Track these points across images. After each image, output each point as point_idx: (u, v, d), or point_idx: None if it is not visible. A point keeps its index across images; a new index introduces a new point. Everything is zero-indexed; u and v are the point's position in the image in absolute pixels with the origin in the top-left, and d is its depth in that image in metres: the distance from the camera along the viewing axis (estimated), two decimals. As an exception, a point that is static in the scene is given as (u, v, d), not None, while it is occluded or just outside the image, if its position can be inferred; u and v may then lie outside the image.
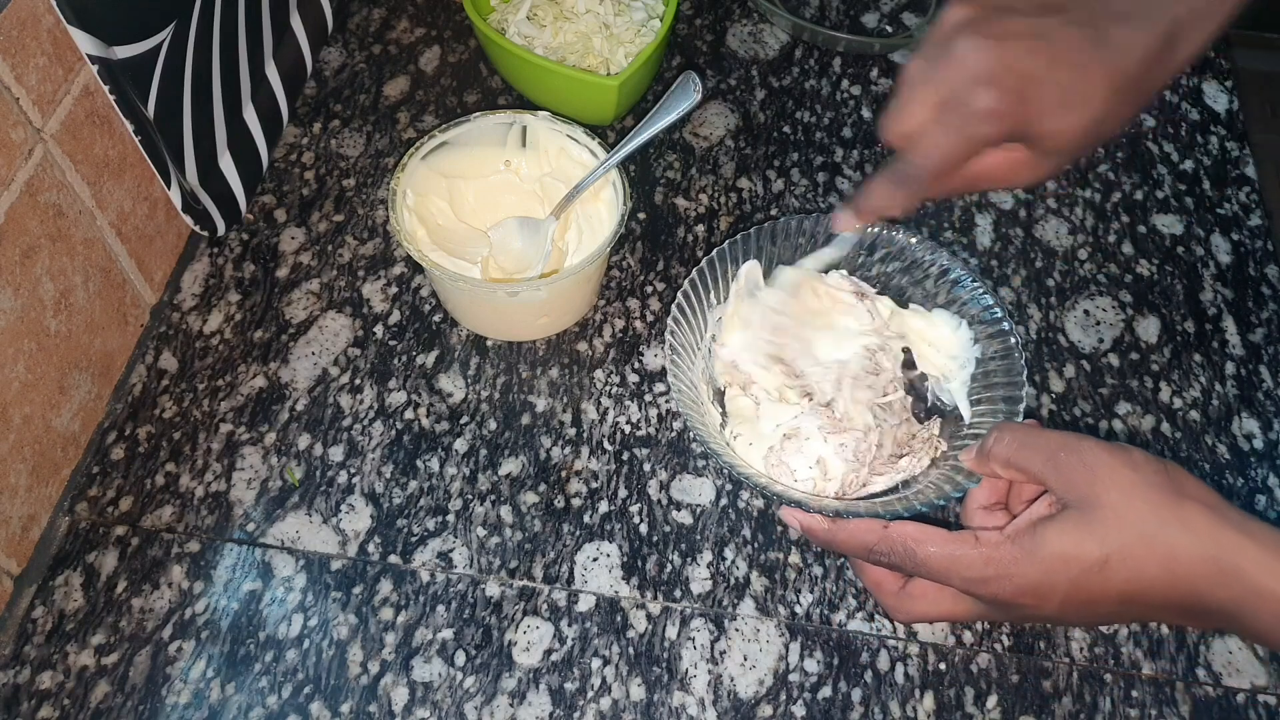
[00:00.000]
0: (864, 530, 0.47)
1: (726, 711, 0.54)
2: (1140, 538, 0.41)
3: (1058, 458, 0.44)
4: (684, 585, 0.58)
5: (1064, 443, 0.44)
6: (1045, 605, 0.43)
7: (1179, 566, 0.40)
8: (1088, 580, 0.42)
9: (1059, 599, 0.42)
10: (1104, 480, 0.42)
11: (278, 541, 0.58)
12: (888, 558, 0.46)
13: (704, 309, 0.59)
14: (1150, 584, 0.41)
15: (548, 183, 0.67)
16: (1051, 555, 0.42)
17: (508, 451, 0.62)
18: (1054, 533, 0.42)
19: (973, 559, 0.44)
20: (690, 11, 0.85)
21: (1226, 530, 0.40)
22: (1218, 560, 0.40)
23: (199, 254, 0.69)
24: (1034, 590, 0.43)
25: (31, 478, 0.56)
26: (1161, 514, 0.41)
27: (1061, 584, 0.42)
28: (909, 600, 0.48)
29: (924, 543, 0.45)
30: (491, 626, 0.56)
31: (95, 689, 0.53)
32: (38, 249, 0.54)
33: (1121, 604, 0.42)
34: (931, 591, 0.48)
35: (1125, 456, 0.43)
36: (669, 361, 0.54)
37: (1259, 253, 0.72)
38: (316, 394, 0.63)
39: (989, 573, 0.43)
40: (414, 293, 0.68)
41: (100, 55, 0.54)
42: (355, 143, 0.75)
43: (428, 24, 0.82)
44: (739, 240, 0.58)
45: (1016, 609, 0.44)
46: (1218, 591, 0.40)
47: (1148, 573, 0.41)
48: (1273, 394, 0.66)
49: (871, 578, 0.50)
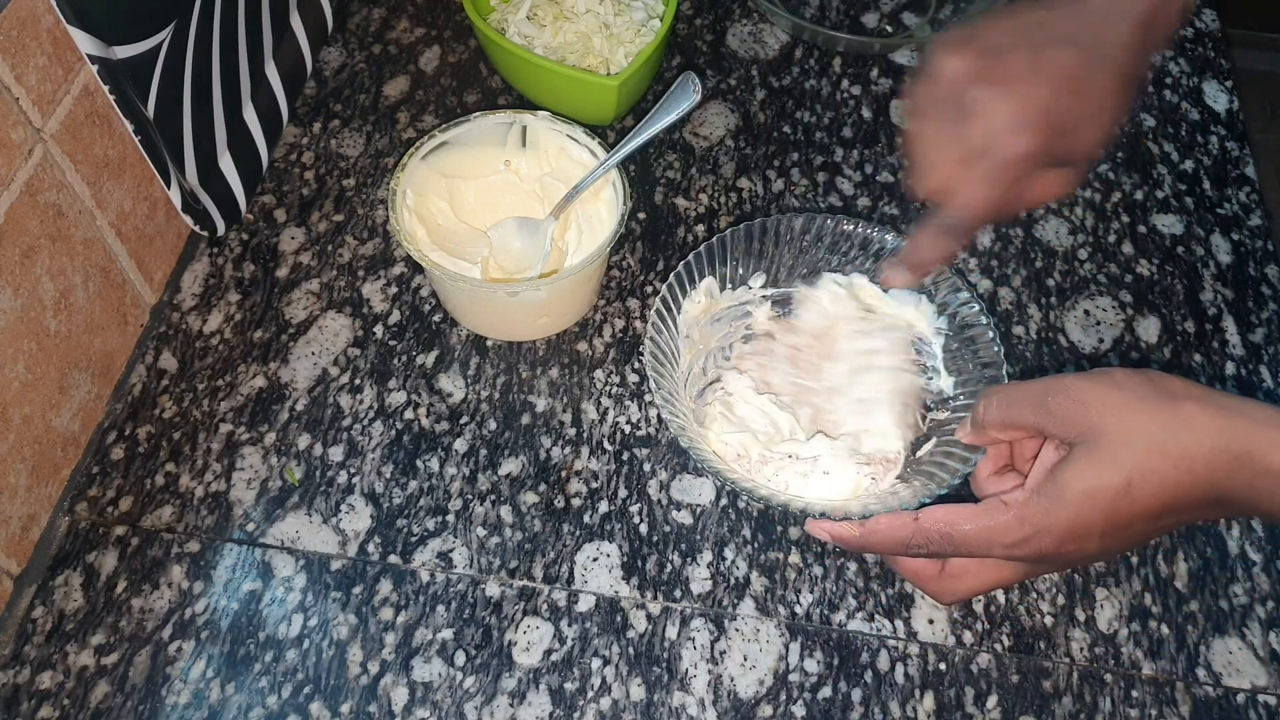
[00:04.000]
0: (897, 527, 0.47)
1: (726, 711, 0.54)
2: (1151, 449, 0.41)
3: (1047, 403, 0.44)
4: (684, 585, 0.58)
5: (1048, 387, 0.45)
6: (1088, 544, 0.43)
7: (1196, 465, 0.41)
8: (1118, 507, 0.42)
9: (1099, 533, 0.43)
10: (1097, 409, 0.43)
11: (278, 541, 0.58)
12: (925, 548, 0.46)
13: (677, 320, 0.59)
14: (1175, 490, 0.42)
15: (548, 183, 0.67)
16: (1078, 495, 0.42)
17: (508, 451, 0.62)
18: (1072, 473, 0.43)
19: (1008, 524, 0.44)
20: (690, 11, 0.85)
21: (1227, 418, 0.41)
22: (1227, 449, 0.41)
23: (199, 254, 0.69)
24: (1072, 534, 0.43)
25: (31, 478, 0.56)
26: (1163, 420, 0.42)
27: (1097, 519, 0.42)
28: (952, 581, 0.48)
29: (957, 523, 0.45)
30: (491, 626, 0.56)
31: (95, 689, 0.53)
32: (38, 249, 0.54)
33: (1156, 518, 0.43)
34: (973, 565, 0.48)
35: (1108, 379, 0.44)
36: (655, 386, 0.54)
37: (1259, 253, 0.72)
38: (316, 394, 0.63)
39: (1026, 531, 0.43)
40: (414, 293, 0.68)
41: (100, 55, 0.54)
42: (355, 143, 0.75)
43: (428, 24, 0.82)
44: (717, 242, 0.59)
45: (1061, 558, 0.45)
46: (1235, 478, 0.41)
47: (1169, 479, 0.41)
48: (1273, 394, 0.66)
49: (909, 569, 0.50)
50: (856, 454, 0.55)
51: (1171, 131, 0.79)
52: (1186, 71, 0.82)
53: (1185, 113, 0.80)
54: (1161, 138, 0.78)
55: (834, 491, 0.54)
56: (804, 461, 0.55)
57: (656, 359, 0.55)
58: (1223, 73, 0.83)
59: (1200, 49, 0.84)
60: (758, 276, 0.61)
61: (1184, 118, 0.80)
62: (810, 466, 0.55)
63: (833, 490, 0.54)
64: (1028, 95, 0.46)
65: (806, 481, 0.54)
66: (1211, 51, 0.84)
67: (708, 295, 0.59)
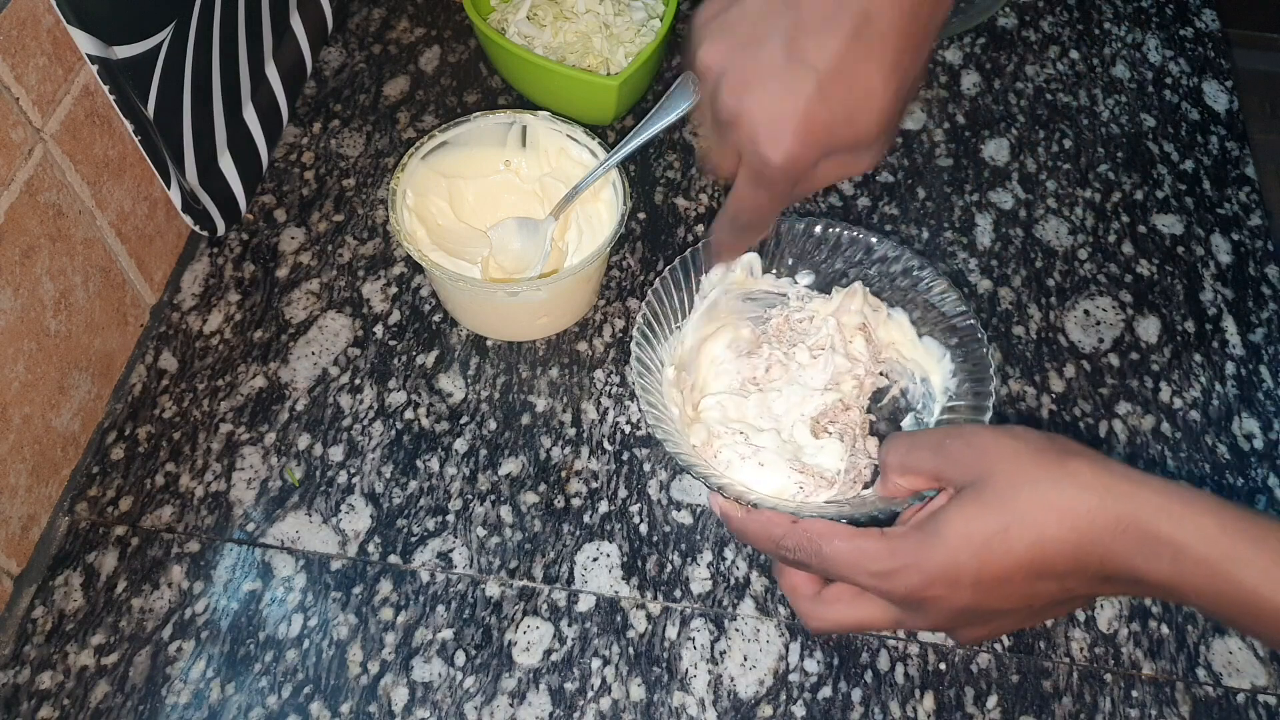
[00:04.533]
0: (773, 523, 0.47)
1: (726, 711, 0.54)
2: (1035, 498, 0.41)
3: (944, 447, 0.44)
4: (684, 585, 0.58)
5: (948, 433, 0.45)
6: (958, 592, 0.42)
7: (1079, 522, 0.40)
8: (992, 553, 0.41)
9: (970, 581, 0.42)
10: (991, 455, 0.43)
11: (278, 541, 0.58)
12: (794, 553, 0.46)
13: (669, 324, 0.58)
14: (1055, 545, 0.40)
15: (548, 183, 0.67)
16: (954, 534, 0.42)
17: (508, 451, 0.62)
18: (954, 512, 0.42)
19: (879, 551, 0.43)
20: (690, 11, 0.84)
21: (1116, 479, 0.40)
22: (1113, 510, 0.39)
23: (199, 254, 0.69)
24: (943, 575, 0.42)
25: (31, 478, 0.56)
26: (1052, 472, 0.41)
27: (969, 563, 0.41)
28: (824, 606, 0.47)
29: (830, 537, 0.45)
30: (491, 626, 0.56)
31: (95, 689, 0.53)
32: (38, 249, 0.54)
33: (1035, 576, 0.41)
34: (847, 595, 0.47)
35: (1008, 430, 0.44)
36: (638, 387, 0.54)
37: (1259, 253, 0.72)
38: (316, 394, 0.63)
39: (895, 564, 0.43)
40: (414, 293, 0.68)
41: (100, 55, 0.54)
42: (355, 143, 0.75)
43: (428, 24, 0.82)
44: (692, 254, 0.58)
45: (931, 604, 0.43)
46: (1118, 544, 0.39)
47: (1048, 533, 0.40)
48: (1273, 394, 0.66)
49: (788, 582, 0.49)
50: (796, 461, 0.54)
51: (1171, 131, 0.79)
52: (1186, 71, 0.82)
53: (1185, 113, 0.80)
54: (1161, 138, 0.78)
55: (763, 485, 0.53)
56: (749, 446, 0.55)
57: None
58: (1223, 73, 0.83)
59: (1200, 49, 0.84)
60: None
61: (1184, 118, 0.80)
62: (751, 452, 0.54)
63: (762, 484, 0.53)
64: (784, 96, 0.43)
65: (743, 464, 0.54)
66: (1211, 51, 0.84)
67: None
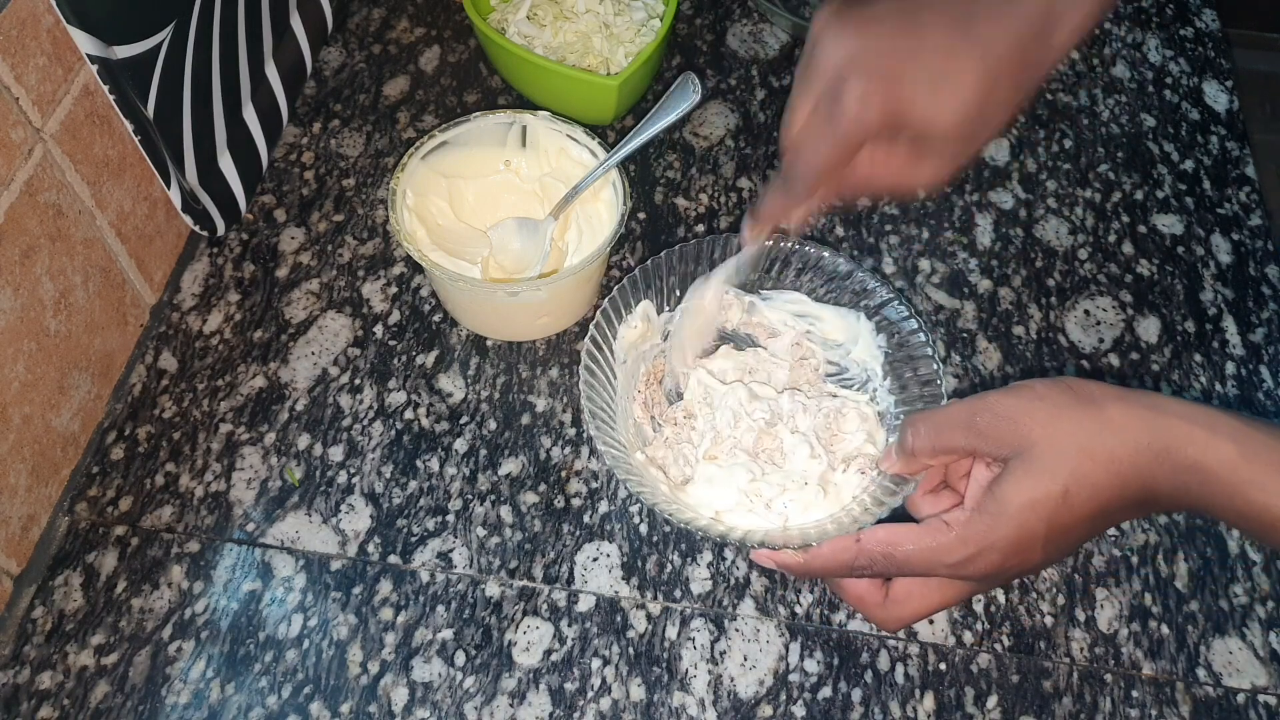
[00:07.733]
0: (840, 550, 0.47)
1: (726, 711, 0.54)
2: (1082, 455, 0.42)
3: (976, 424, 0.45)
4: (684, 585, 0.58)
5: (973, 408, 0.45)
6: (1031, 556, 0.44)
7: (1124, 465, 0.42)
8: (1059, 515, 0.43)
9: (1041, 544, 0.43)
10: (1024, 422, 0.43)
11: (277, 541, 0.58)
12: (869, 569, 0.46)
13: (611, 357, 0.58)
14: (1109, 492, 0.42)
15: (548, 183, 0.67)
16: (1019, 508, 0.43)
17: (508, 451, 0.62)
18: (1011, 488, 0.43)
19: (951, 544, 0.44)
20: (690, 11, 0.85)
21: (1146, 413, 0.42)
22: (1150, 446, 0.42)
23: (199, 254, 0.69)
24: (1017, 547, 0.43)
25: (31, 478, 0.56)
26: (1088, 426, 0.42)
27: (1039, 530, 0.43)
28: (896, 606, 0.48)
29: (899, 544, 0.45)
30: (491, 626, 0.56)
31: (95, 689, 0.53)
32: (37, 249, 0.54)
33: (1093, 521, 0.43)
34: (916, 589, 0.48)
35: (1030, 392, 0.44)
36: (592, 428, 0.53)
37: (1259, 253, 0.72)
38: (316, 394, 0.63)
39: (970, 550, 0.44)
40: (414, 293, 0.68)
41: (100, 55, 0.54)
42: (355, 143, 0.75)
43: (428, 24, 0.82)
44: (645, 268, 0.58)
45: (1007, 572, 0.45)
46: (1158, 474, 0.42)
47: (1102, 482, 0.42)
48: (1273, 394, 0.66)
49: (853, 593, 0.49)
50: (757, 481, 0.54)
51: (1171, 131, 0.79)
52: (1186, 71, 0.82)
53: (1185, 113, 0.80)
54: (1161, 138, 0.78)
55: (714, 495, 0.53)
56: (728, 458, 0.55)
57: (591, 386, 0.54)
58: (1223, 73, 0.83)
59: (1200, 49, 0.84)
60: None
61: (1184, 118, 0.80)
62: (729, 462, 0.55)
63: (713, 494, 0.53)
64: (868, 41, 0.44)
65: (709, 472, 0.54)
66: (1211, 51, 0.84)
67: (644, 320, 0.58)
